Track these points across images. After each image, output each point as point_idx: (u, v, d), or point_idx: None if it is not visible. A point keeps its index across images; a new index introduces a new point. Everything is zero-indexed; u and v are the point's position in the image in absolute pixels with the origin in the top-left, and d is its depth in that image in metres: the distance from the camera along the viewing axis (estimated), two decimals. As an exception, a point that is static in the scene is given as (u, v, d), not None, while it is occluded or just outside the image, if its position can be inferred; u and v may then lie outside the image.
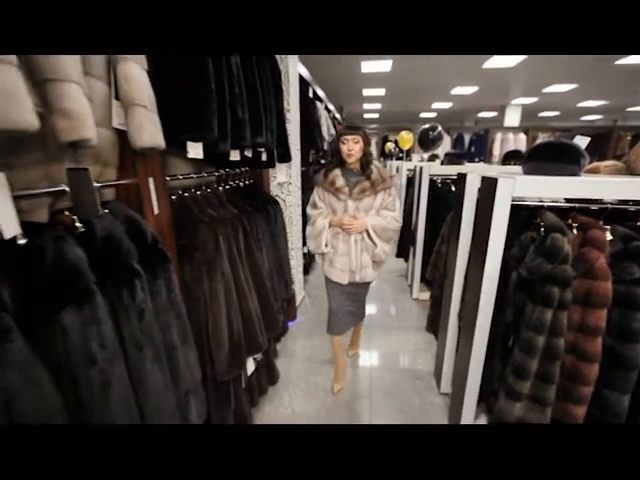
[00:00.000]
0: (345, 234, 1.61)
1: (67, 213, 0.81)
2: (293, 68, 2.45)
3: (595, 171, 1.59)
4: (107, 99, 0.83)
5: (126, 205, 0.94)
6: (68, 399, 0.65)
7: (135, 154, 0.93)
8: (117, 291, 0.77)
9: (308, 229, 1.73)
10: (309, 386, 2.01)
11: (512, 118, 8.30)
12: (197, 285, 1.20)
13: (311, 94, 3.32)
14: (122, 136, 0.91)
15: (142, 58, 0.86)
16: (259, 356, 1.59)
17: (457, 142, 8.27)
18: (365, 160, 1.57)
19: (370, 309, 3.01)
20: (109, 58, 0.81)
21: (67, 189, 0.77)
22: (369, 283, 1.80)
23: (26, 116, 0.52)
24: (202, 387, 1.11)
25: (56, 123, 0.60)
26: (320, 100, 3.91)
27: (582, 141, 1.34)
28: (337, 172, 1.60)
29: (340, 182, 1.58)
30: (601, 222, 1.19)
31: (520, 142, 7.50)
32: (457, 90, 6.76)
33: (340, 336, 1.89)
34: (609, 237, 1.16)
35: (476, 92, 6.90)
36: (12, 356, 0.54)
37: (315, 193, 1.70)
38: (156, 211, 1.00)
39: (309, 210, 1.74)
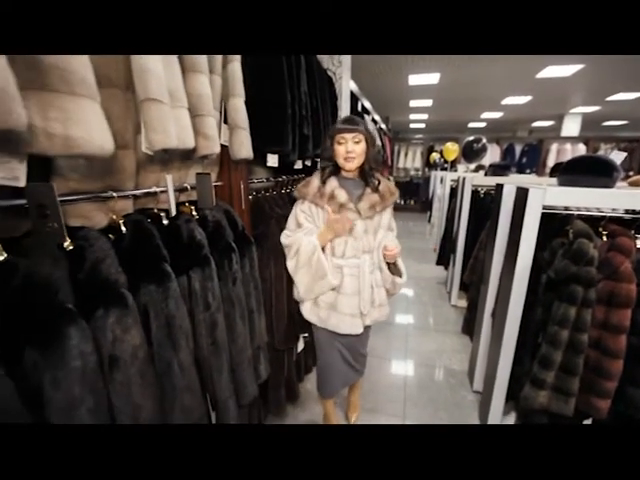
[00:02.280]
0: (352, 266, 1.23)
1: (187, 204, 1.13)
2: (346, 86, 2.73)
3: (637, 184, 1.65)
4: (218, 124, 1.14)
5: (222, 201, 1.25)
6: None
7: (232, 163, 1.24)
8: (221, 261, 1.06)
9: (291, 264, 1.27)
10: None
11: (571, 128, 7.87)
12: (265, 268, 1.49)
13: (360, 108, 3.59)
14: (223, 149, 1.22)
15: (242, 92, 1.17)
16: (308, 336, 1.84)
17: (507, 153, 8.05)
18: (368, 167, 1.22)
19: (408, 315, 3.14)
20: (222, 96, 1.13)
21: (188, 187, 1.10)
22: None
23: (191, 139, 0.83)
24: (267, 349, 1.38)
25: (199, 142, 0.92)
26: (367, 112, 4.16)
27: (618, 156, 1.43)
28: (334, 183, 1.21)
29: (343, 197, 1.19)
30: (632, 231, 1.28)
31: (579, 153, 7.09)
32: (509, 100, 6.62)
33: (333, 398, 1.55)
34: (639, 245, 1.25)
35: (530, 101, 6.69)
36: (171, 292, 0.84)
37: (298, 211, 1.26)
38: (243, 207, 1.31)
39: (286, 239, 1.28)
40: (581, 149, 7.43)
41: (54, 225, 0.58)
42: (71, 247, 0.71)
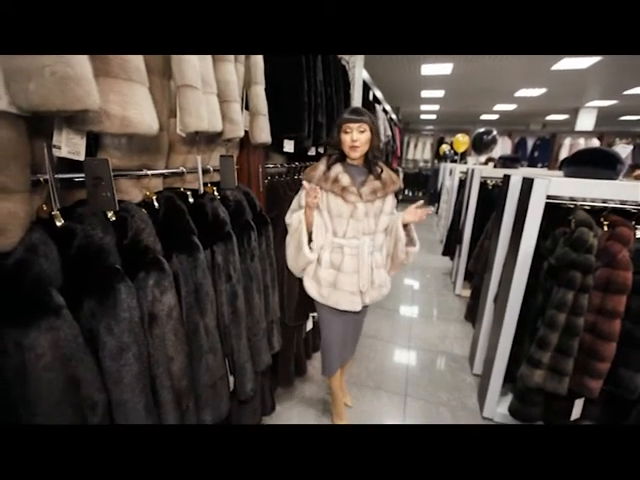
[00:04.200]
0: (352, 246, 1.29)
1: (209, 185, 1.21)
2: (359, 75, 2.76)
3: (642, 177, 1.68)
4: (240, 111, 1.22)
5: (242, 183, 1.33)
6: (213, 300, 1.05)
7: (251, 147, 1.32)
8: (240, 237, 1.15)
9: (288, 239, 1.37)
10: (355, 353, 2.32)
11: (585, 122, 7.72)
12: (279, 249, 1.58)
13: (371, 97, 3.60)
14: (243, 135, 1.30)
15: (263, 80, 1.24)
16: (316, 316, 1.94)
17: (519, 146, 7.96)
18: (372, 155, 1.29)
19: (413, 303, 3.22)
20: (244, 83, 1.20)
21: (211, 169, 1.18)
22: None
23: (219, 123, 0.91)
24: (279, 324, 1.48)
25: (225, 126, 0.99)
26: (379, 102, 4.16)
27: (624, 149, 1.47)
28: (339, 168, 1.28)
29: (346, 180, 1.26)
30: (633, 222, 1.33)
31: (592, 148, 6.96)
32: (522, 92, 6.52)
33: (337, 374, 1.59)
34: (639, 235, 1.31)
35: (544, 94, 6.58)
36: (199, 262, 0.93)
37: (304, 193, 1.29)
38: (260, 189, 1.39)
39: (288, 219, 1.35)
40: (595, 144, 7.29)
41: (107, 195, 0.67)
42: (114, 218, 0.80)
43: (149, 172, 0.92)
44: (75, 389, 0.61)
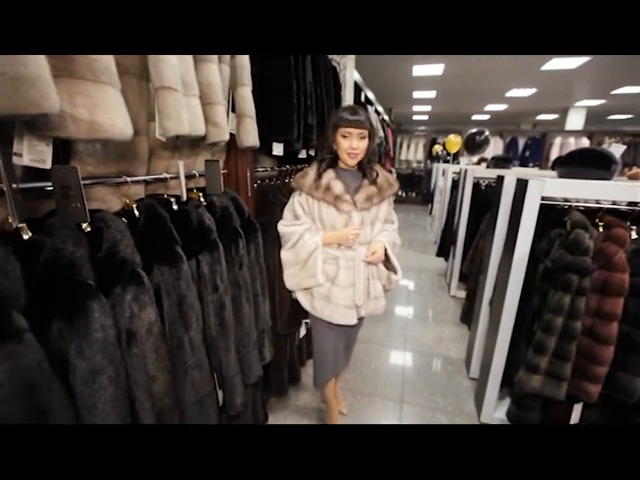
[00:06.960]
0: (348, 258, 1.22)
1: (195, 191, 1.16)
2: (350, 76, 2.73)
3: (636, 177, 1.68)
4: (225, 112, 1.17)
5: (229, 188, 1.29)
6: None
7: (239, 151, 1.27)
8: (228, 245, 1.10)
9: (287, 255, 1.29)
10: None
11: (575, 121, 7.81)
12: (269, 255, 1.53)
13: (363, 98, 3.58)
14: (230, 138, 1.25)
15: (250, 82, 1.20)
16: (309, 323, 1.89)
17: (510, 146, 8.02)
18: (367, 159, 1.21)
19: (408, 305, 3.19)
20: (230, 84, 1.15)
21: (197, 174, 1.13)
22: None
23: (202, 127, 0.86)
24: (271, 333, 1.43)
25: (209, 130, 0.95)
26: (371, 103, 4.14)
27: (617, 149, 1.45)
28: (331, 174, 1.20)
29: (339, 188, 1.17)
30: (628, 223, 1.31)
31: (582, 147, 7.05)
32: (513, 92, 6.57)
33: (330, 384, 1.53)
34: (634, 236, 1.29)
35: (534, 94, 6.63)
36: (183, 273, 0.88)
37: (295, 202, 1.25)
38: (249, 194, 1.34)
39: (284, 227, 1.28)
40: (585, 143, 7.39)
41: (77, 205, 0.62)
42: (89, 229, 0.75)
43: (128, 179, 0.87)
44: (40, 418, 0.56)
